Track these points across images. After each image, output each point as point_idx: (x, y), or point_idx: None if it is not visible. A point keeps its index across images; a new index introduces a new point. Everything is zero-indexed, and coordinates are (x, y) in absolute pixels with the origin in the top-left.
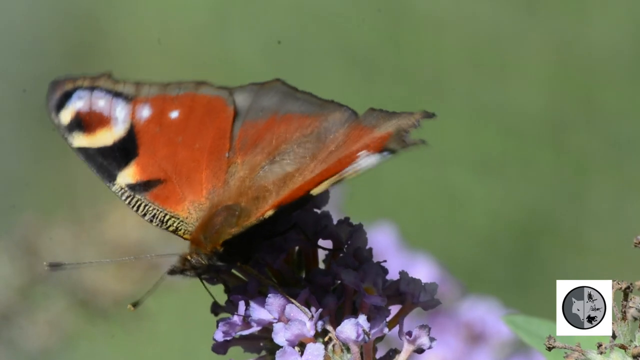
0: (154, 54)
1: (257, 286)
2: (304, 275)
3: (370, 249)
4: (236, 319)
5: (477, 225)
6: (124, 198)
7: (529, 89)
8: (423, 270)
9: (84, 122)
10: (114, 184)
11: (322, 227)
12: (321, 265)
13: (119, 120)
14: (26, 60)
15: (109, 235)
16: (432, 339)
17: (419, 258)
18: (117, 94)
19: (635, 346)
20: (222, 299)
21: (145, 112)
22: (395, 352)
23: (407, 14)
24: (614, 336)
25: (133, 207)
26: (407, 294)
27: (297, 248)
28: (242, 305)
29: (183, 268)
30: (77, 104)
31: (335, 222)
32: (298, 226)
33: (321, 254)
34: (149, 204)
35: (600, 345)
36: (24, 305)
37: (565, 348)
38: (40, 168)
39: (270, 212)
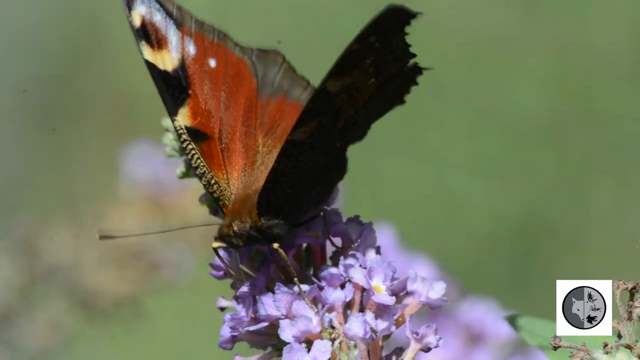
0: None
1: (265, 282)
2: (311, 272)
3: (379, 247)
4: (243, 314)
5: (477, 225)
6: (182, 140)
7: (529, 89)
8: (423, 271)
9: (149, 34)
10: (175, 120)
11: (332, 225)
12: (328, 262)
13: (173, 45)
14: (26, 60)
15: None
16: (439, 338)
17: (419, 258)
18: (168, 13)
19: None
20: (228, 294)
21: (191, 49)
22: (401, 350)
23: None
24: (619, 336)
25: (188, 154)
26: (414, 293)
27: (304, 245)
28: (249, 300)
29: (227, 234)
30: (141, 8)
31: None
32: (325, 213)
33: (328, 252)
34: (200, 159)
35: (606, 345)
36: (24, 305)
37: (570, 347)
38: (40, 168)
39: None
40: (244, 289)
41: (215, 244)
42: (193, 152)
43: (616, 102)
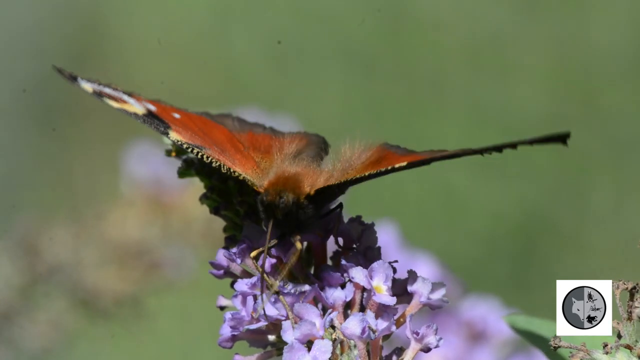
0: (155, 54)
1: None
2: (312, 271)
3: (379, 248)
4: (244, 313)
5: (477, 224)
6: (185, 147)
7: (529, 89)
8: (424, 269)
9: (105, 95)
10: (169, 137)
11: (334, 224)
12: (329, 262)
13: (133, 104)
14: (26, 60)
15: (110, 235)
16: (439, 338)
17: (420, 257)
18: (114, 89)
19: None
20: (228, 293)
21: (151, 107)
22: (402, 350)
23: (407, 14)
24: (619, 336)
25: (196, 155)
26: (415, 293)
27: (305, 244)
28: (250, 300)
29: (273, 201)
30: (87, 85)
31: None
32: (341, 205)
33: (329, 251)
34: (210, 157)
35: (605, 345)
36: (24, 305)
37: (570, 348)
38: (40, 168)
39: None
40: (245, 288)
41: (226, 233)
42: (199, 152)
43: (616, 101)
